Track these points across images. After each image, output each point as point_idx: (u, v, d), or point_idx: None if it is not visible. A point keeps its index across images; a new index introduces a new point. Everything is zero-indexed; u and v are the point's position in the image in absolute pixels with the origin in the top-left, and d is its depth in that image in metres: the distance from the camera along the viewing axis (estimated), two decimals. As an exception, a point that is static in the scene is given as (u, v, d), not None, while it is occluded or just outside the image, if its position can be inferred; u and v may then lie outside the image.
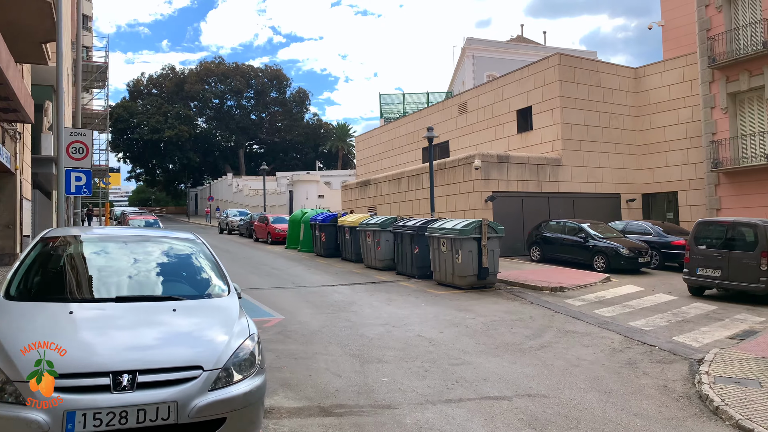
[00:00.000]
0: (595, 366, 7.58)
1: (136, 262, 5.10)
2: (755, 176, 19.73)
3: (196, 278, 5.15)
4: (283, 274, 17.10)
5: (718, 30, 20.81)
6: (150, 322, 4.14)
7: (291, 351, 8.02)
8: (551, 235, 19.51)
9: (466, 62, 47.14)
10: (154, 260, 5.25)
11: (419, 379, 6.80)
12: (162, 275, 5.08)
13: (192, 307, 4.57)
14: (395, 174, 28.58)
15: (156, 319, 4.20)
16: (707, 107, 21.34)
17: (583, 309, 11.74)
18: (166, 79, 76.61)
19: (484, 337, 9.10)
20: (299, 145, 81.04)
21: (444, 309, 11.54)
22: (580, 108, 24.15)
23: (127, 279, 4.84)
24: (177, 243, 5.62)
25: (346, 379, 6.74)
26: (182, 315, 4.33)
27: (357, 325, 9.81)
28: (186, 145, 70.99)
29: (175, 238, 5.73)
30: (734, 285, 12.68)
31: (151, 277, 5.00)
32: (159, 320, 4.19)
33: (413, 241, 16.15)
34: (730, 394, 6.04)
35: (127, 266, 5.02)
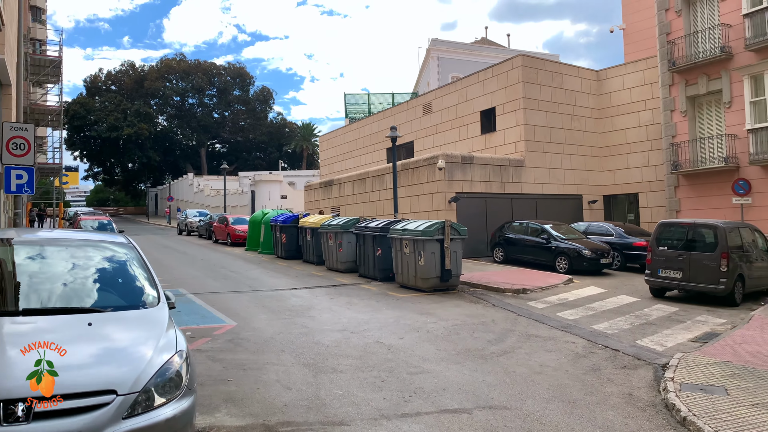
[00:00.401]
0: (559, 373, 7.30)
1: (52, 270, 4.55)
2: (713, 178, 19.97)
3: (122, 286, 4.63)
4: (240, 277, 16.50)
5: (678, 34, 21.02)
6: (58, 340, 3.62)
7: (240, 361, 7.53)
8: (514, 237, 19.38)
9: (431, 63, 46.99)
10: (74, 267, 4.69)
11: (375, 390, 6.41)
12: (81, 284, 4.53)
13: (112, 320, 4.06)
14: (359, 174, 28.17)
15: (66, 335, 3.68)
16: (667, 110, 21.54)
17: (546, 312, 11.54)
18: (126, 75, 74.58)
19: (446, 343, 8.76)
20: (263, 145, 79.86)
21: (405, 313, 11.18)
22: (543, 110, 24.15)
23: (40, 289, 4.29)
24: (104, 247, 5.08)
25: (297, 392, 6.30)
26: (98, 329, 3.82)
27: (313, 332, 9.36)
28: (146, 144, 69.17)
29: (104, 241, 5.20)
30: (695, 286, 12.67)
31: (68, 286, 4.44)
32: (69, 336, 3.67)
33: (376, 243, 15.77)
34: (697, 403, 5.81)
35: (42, 274, 4.48)
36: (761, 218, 18.08)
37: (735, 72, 19.13)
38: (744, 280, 12.72)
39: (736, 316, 11.31)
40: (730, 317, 11.23)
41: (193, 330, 9.43)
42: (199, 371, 6.96)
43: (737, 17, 18.97)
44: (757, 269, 13.44)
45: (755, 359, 7.72)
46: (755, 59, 18.49)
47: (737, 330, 9.73)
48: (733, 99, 19.35)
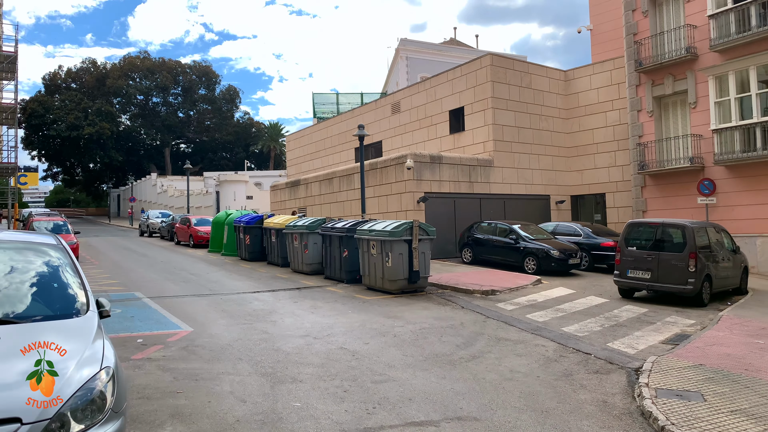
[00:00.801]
0: (530, 379, 6.99)
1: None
2: (679, 178, 20.09)
3: (43, 293, 4.10)
4: (201, 279, 15.87)
5: (645, 34, 21.12)
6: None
7: (193, 370, 7.02)
8: (483, 237, 19.15)
9: (400, 63, 46.72)
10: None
11: (336, 402, 5.98)
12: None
13: (25, 332, 3.53)
14: (326, 174, 27.66)
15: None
16: (634, 110, 21.63)
17: (515, 314, 11.27)
18: (87, 73, 72.33)
19: (413, 348, 8.38)
20: (229, 145, 78.43)
21: (372, 316, 10.77)
22: (511, 109, 24.03)
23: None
24: (29, 249, 4.54)
25: (252, 405, 5.83)
26: (7, 343, 3.30)
27: (274, 338, 8.89)
28: (108, 144, 67.12)
29: (29, 242, 4.65)
30: (663, 287, 12.56)
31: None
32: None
33: (342, 244, 15.33)
34: (674, 411, 5.54)
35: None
36: (725, 218, 18.23)
37: (700, 72, 19.27)
38: (711, 280, 12.67)
39: (705, 317, 11.21)
40: (698, 318, 11.13)
41: (145, 337, 8.87)
42: (147, 383, 6.45)
43: (702, 18, 19.11)
44: (723, 269, 13.43)
45: (728, 362, 7.55)
46: (720, 60, 18.64)
47: (707, 331, 9.60)
48: (698, 99, 19.49)
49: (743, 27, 17.89)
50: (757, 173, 17.93)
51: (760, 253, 17.94)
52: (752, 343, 8.71)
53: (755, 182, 18.05)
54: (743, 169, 18.29)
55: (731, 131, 18.22)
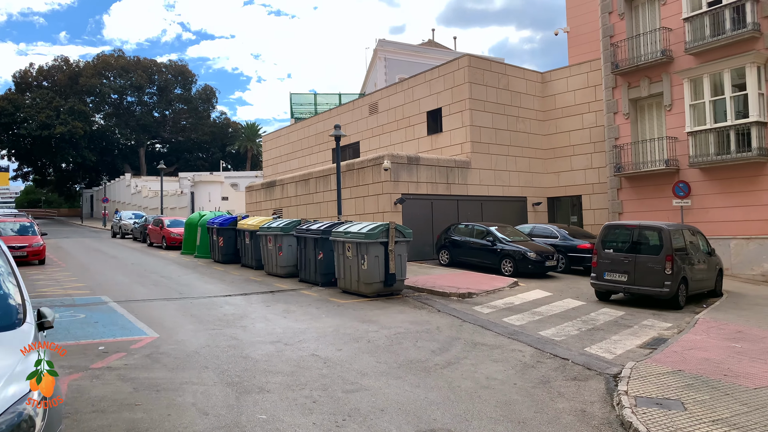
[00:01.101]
0: (507, 387, 6.78)
1: None
2: (655, 180, 20.15)
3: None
4: (172, 283, 15.43)
5: (621, 37, 21.16)
6: None
7: (155, 380, 6.67)
8: (460, 239, 18.99)
9: (378, 64, 46.49)
10: None
11: (305, 413, 5.70)
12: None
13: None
14: (302, 175, 27.28)
15: None
16: (610, 112, 21.66)
17: (492, 317, 11.08)
18: (59, 71, 70.69)
19: (387, 354, 8.13)
20: (205, 145, 77.36)
21: (346, 321, 10.50)
22: (488, 111, 23.93)
23: None
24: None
25: (215, 417, 5.52)
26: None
27: (244, 344, 8.56)
28: (81, 143, 65.64)
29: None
30: (640, 289, 12.50)
31: None
32: None
33: (317, 246, 15.02)
34: (654, 421, 5.36)
35: None
36: (700, 220, 18.31)
37: (675, 75, 19.35)
38: (687, 282, 12.64)
39: (682, 320, 11.15)
40: (675, 321, 11.06)
41: (107, 344, 8.48)
42: (104, 394, 6.10)
43: (678, 21, 19.20)
44: (699, 272, 13.43)
45: (707, 367, 7.43)
46: (695, 63, 18.74)
47: (684, 335, 9.51)
48: (673, 102, 19.57)
49: (718, 30, 18.01)
50: (731, 176, 18.05)
51: (734, 255, 18.05)
52: (729, 347, 8.63)
53: (729, 185, 18.17)
54: (717, 172, 18.40)
55: (706, 134, 18.32)
